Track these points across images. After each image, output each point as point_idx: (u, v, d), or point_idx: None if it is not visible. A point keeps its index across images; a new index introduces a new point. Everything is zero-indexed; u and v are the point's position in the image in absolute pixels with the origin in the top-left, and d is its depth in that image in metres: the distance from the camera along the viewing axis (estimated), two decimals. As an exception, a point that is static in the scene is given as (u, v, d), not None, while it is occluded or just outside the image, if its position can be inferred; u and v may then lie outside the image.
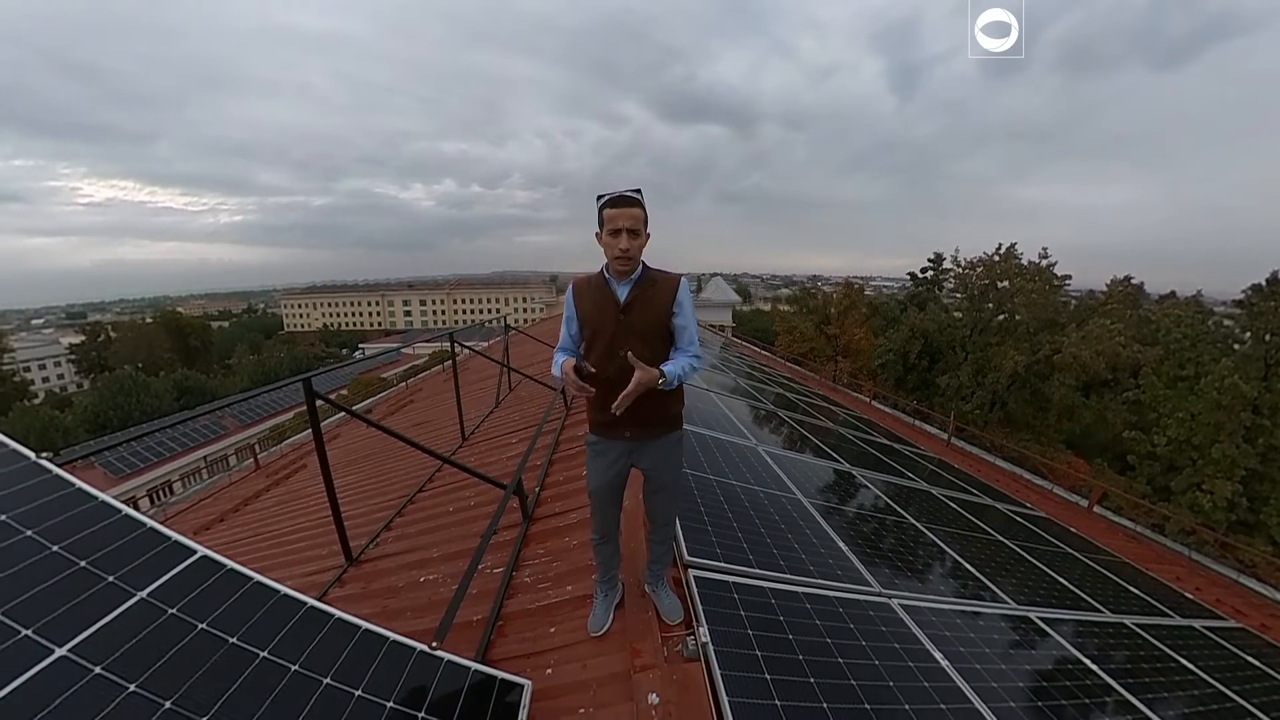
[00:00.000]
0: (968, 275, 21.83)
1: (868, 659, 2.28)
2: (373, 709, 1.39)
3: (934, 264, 27.01)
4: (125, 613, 1.29)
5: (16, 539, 1.38)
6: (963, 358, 20.53)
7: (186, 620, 1.35)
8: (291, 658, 1.40)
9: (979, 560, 4.14)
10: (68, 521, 1.47)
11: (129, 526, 1.53)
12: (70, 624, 1.22)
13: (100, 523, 1.50)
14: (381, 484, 5.62)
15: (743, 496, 3.59)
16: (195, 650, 1.30)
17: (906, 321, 22.08)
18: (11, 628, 1.17)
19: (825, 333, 25.79)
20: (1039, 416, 19.09)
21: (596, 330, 1.93)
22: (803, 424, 7.38)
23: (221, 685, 1.25)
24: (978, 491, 7.10)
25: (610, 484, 2.07)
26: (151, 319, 67.03)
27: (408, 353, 37.83)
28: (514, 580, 2.71)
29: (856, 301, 26.33)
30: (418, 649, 1.63)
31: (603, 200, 1.83)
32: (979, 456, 11.18)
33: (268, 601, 1.52)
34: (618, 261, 1.85)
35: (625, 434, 1.98)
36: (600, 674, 1.97)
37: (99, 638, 1.22)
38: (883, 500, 4.88)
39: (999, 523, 5.72)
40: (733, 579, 2.46)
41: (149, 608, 1.33)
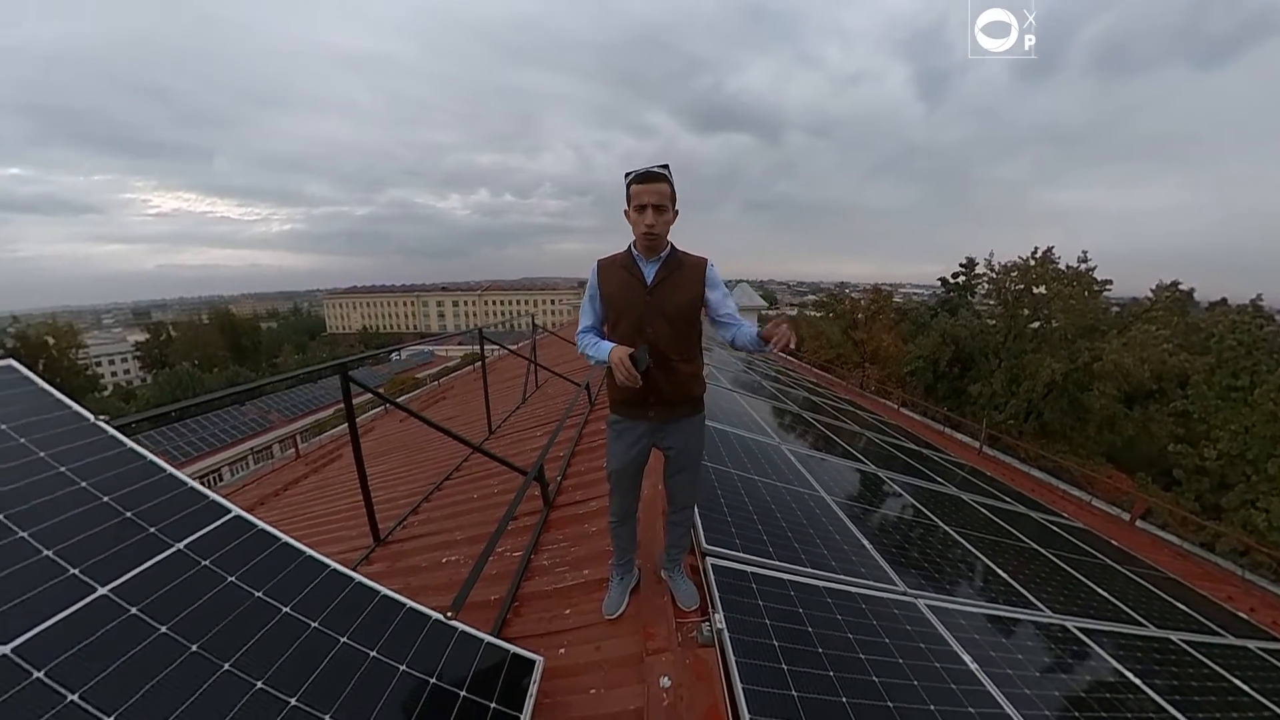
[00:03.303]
0: (1002, 280, 20.87)
1: (891, 656, 2.19)
2: (387, 670, 1.40)
3: (966, 269, 26.03)
4: (162, 561, 1.35)
5: (72, 489, 1.48)
6: (996, 365, 19.66)
7: (217, 572, 1.39)
8: (312, 616, 1.42)
9: (1012, 567, 3.94)
10: (118, 477, 1.56)
11: (171, 485, 1.60)
12: (113, 567, 1.28)
13: (145, 479, 1.59)
14: (411, 472, 5.73)
15: (764, 491, 3.51)
16: (222, 601, 1.34)
17: (937, 327, 21.29)
18: (61, 566, 1.25)
19: (852, 338, 25.08)
20: (1077, 427, 18.12)
21: (622, 310, 1.89)
22: (828, 426, 7.21)
23: (243, 635, 1.29)
24: (1011, 499, 6.79)
25: (631, 465, 2.03)
26: (207, 318, 70.50)
27: (440, 354, 38.71)
28: (532, 563, 2.70)
29: (885, 307, 25.54)
30: (433, 618, 1.64)
31: (630, 176, 1.80)
32: (1013, 466, 10.72)
33: (294, 562, 1.56)
34: (644, 238, 1.81)
35: (649, 414, 1.94)
36: (613, 655, 1.94)
37: (137, 582, 1.27)
38: (910, 503, 4.71)
39: (1034, 531, 5.45)
40: (751, 569, 2.40)
41: (184, 558, 1.39)
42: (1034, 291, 19.84)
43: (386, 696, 1.33)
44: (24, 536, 1.25)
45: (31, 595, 1.15)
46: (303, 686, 1.25)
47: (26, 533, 1.26)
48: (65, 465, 1.49)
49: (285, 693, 1.21)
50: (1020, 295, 20.24)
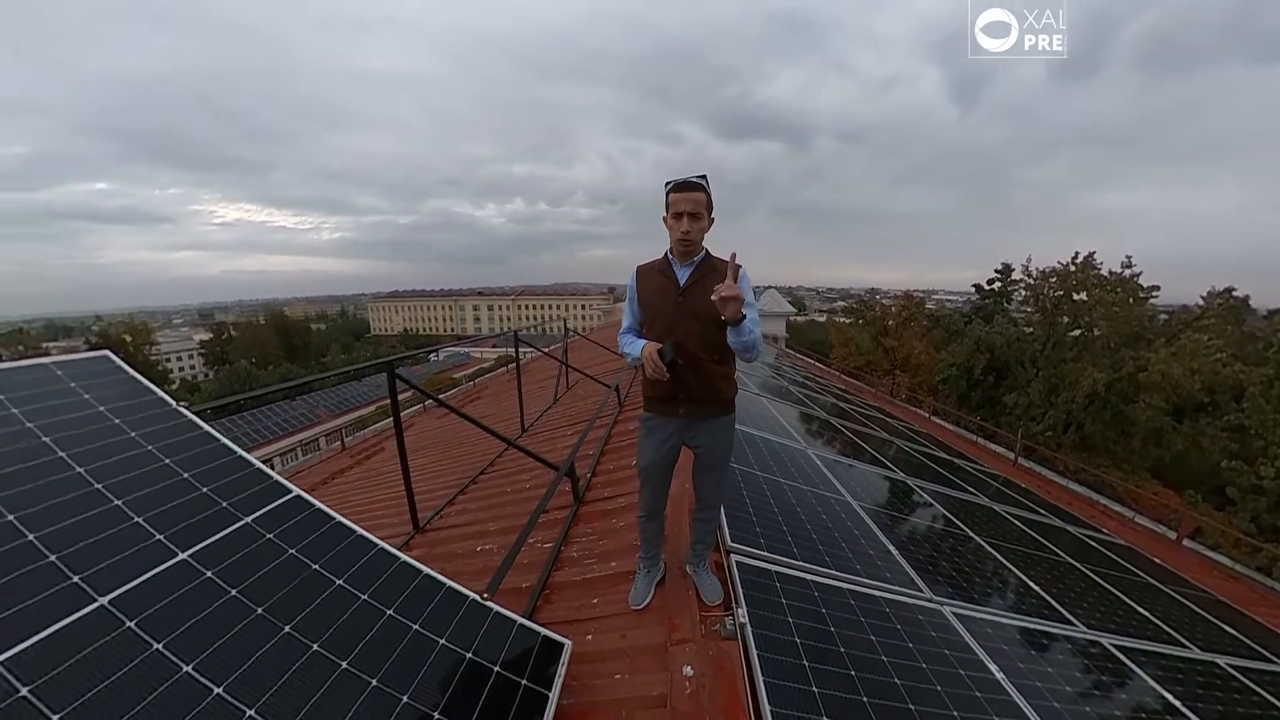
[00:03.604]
0: (1040, 286, 19.82)
1: (914, 661, 2.15)
2: (427, 643, 1.48)
3: (1002, 275, 24.88)
4: (233, 533, 1.47)
5: (157, 465, 1.64)
6: (1033, 374, 18.73)
7: (279, 545, 1.50)
8: (362, 589, 1.51)
9: (1045, 580, 3.79)
10: (195, 456, 1.72)
11: (240, 465, 1.75)
12: (191, 536, 1.41)
13: (218, 460, 1.74)
14: (448, 466, 5.91)
15: (789, 493, 3.49)
16: (284, 571, 1.45)
17: (971, 335, 20.42)
18: (149, 531, 1.39)
19: (883, 345, 24.24)
20: (1121, 441, 17.09)
21: (656, 311, 1.95)
22: (856, 432, 7.07)
23: (302, 603, 1.39)
24: (1047, 513, 6.52)
25: (661, 461, 2.07)
26: (263, 320, 74.28)
27: (475, 355, 39.65)
28: (562, 554, 2.77)
29: (916, 313, 24.60)
30: (470, 598, 1.71)
31: (669, 185, 1.86)
32: (1050, 478, 10.26)
33: (345, 540, 1.66)
34: (679, 243, 1.87)
35: (679, 411, 1.98)
36: (638, 644, 1.97)
37: (211, 550, 1.39)
38: (939, 511, 4.59)
39: (1071, 546, 5.22)
40: (775, 568, 2.40)
41: (252, 531, 1.51)
42: (1074, 298, 18.82)
43: (427, 667, 1.41)
44: (118, 505, 1.39)
45: (125, 555, 1.28)
46: (352, 652, 1.34)
47: (121, 501, 1.40)
48: (151, 444, 1.65)
49: (337, 656, 1.30)
50: (1059, 302, 19.24)
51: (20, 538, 1.21)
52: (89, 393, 1.75)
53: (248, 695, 1.13)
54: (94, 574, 1.21)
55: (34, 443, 1.46)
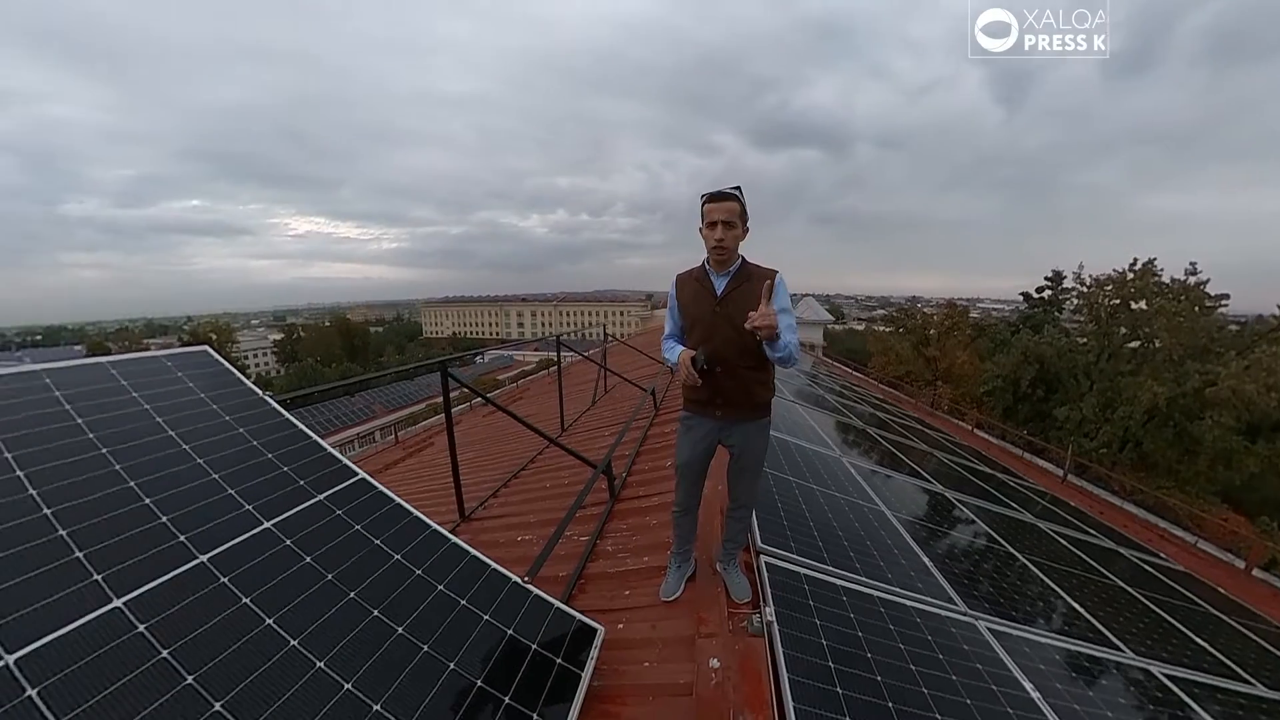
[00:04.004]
0: (1094, 294, 18.33)
1: (944, 672, 2.10)
2: (473, 618, 1.57)
3: (1052, 282, 23.25)
4: (307, 508, 1.63)
5: (246, 445, 1.83)
6: (1086, 387, 17.37)
7: (347, 521, 1.65)
8: (416, 565, 1.63)
9: (1092, 603, 3.58)
10: (277, 440, 1.91)
11: (315, 449, 1.95)
12: (273, 508, 1.58)
13: (297, 443, 1.94)
14: (492, 461, 6.11)
15: (821, 500, 3.44)
16: (350, 544, 1.59)
17: (1018, 345, 19.10)
18: (240, 502, 1.57)
19: (924, 355, 23.07)
20: (1185, 461, 15.66)
21: (695, 319, 1.98)
22: (893, 443, 6.86)
23: (364, 573, 1.52)
24: (1098, 533, 6.12)
25: (697, 459, 2.10)
26: (328, 322, 78.93)
27: (518, 358, 40.67)
28: (598, 547, 2.84)
29: (960, 322, 23.31)
30: (512, 580, 1.80)
31: (704, 197, 1.90)
32: (1103, 498, 9.59)
33: (403, 521, 1.80)
34: (715, 252, 1.90)
35: (716, 413, 2.01)
36: (667, 635, 2.01)
37: (289, 521, 1.54)
38: (979, 526, 4.39)
39: (1124, 570, 4.89)
40: (804, 571, 2.39)
41: (324, 507, 1.66)
42: (1132, 307, 17.40)
43: (472, 639, 1.50)
44: (215, 478, 1.56)
45: (220, 521, 1.44)
46: (406, 620, 1.45)
47: (218, 474, 1.57)
48: (241, 427, 1.85)
49: (393, 622, 1.42)
50: (1116, 311, 17.78)
51: (139, 501, 1.40)
52: (191, 380, 1.97)
53: (317, 649, 1.25)
54: (196, 535, 1.37)
55: (149, 422, 1.67)
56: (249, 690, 1.11)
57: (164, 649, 1.09)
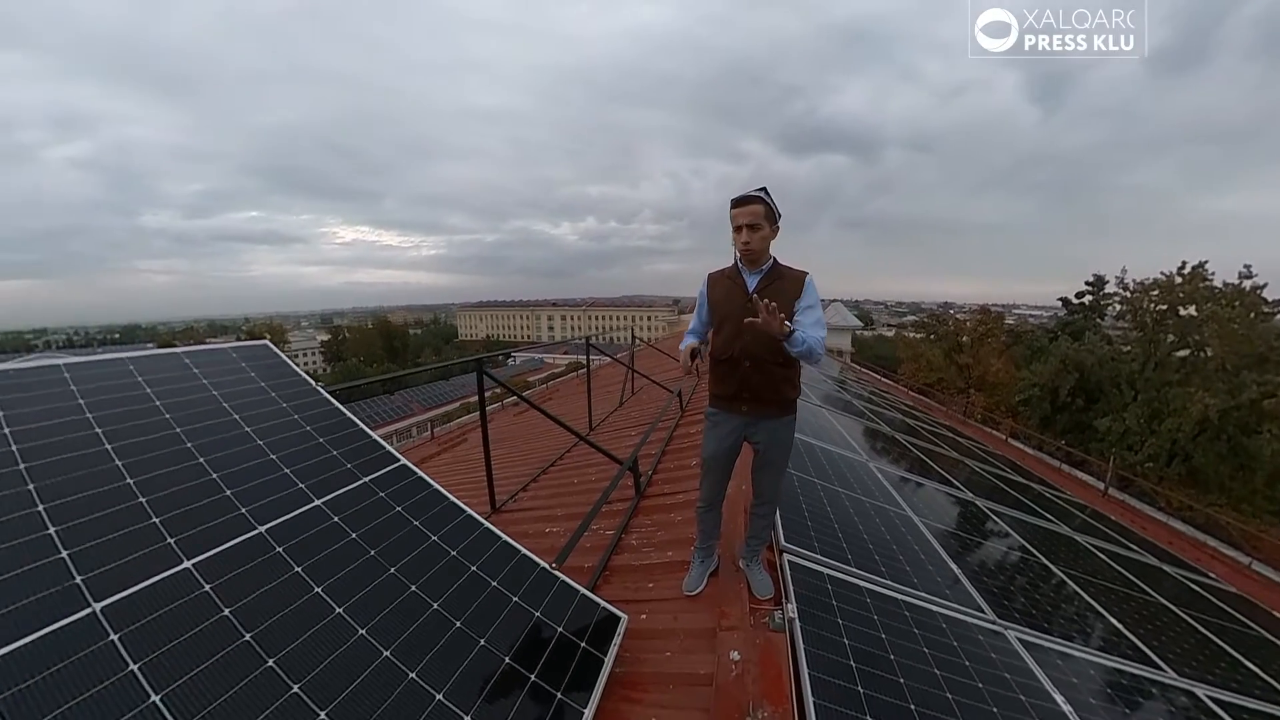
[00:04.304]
0: (1138, 300, 17.02)
1: (969, 679, 2.03)
2: (503, 598, 1.62)
3: (1093, 287, 21.84)
4: (354, 489, 1.73)
5: (300, 430, 1.96)
6: (1130, 397, 16.23)
7: (389, 502, 1.74)
8: (451, 546, 1.70)
9: (1132, 620, 3.39)
10: (328, 426, 2.05)
11: (361, 436, 2.08)
12: (323, 488, 1.69)
13: (344, 430, 2.07)
14: (522, 458, 6.23)
15: (847, 503, 3.38)
16: (391, 524, 1.68)
17: (1057, 352, 17.96)
18: (294, 481, 1.69)
19: (956, 362, 22.03)
20: (1239, 477, 14.52)
21: (725, 316, 2.00)
22: (922, 450, 6.65)
23: (404, 551, 1.61)
24: (1141, 549, 5.78)
25: (723, 454, 2.11)
26: (371, 324, 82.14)
27: (548, 361, 41.28)
28: (622, 541, 2.86)
29: (994, 328, 22.12)
30: (541, 566, 1.85)
31: (732, 200, 1.92)
32: (1147, 513, 9.05)
33: (439, 505, 1.88)
34: (743, 254, 1.92)
35: (742, 408, 2.01)
36: (688, 626, 2.02)
37: (337, 500, 1.65)
38: (1012, 537, 4.22)
39: (1169, 588, 4.60)
40: (828, 571, 2.35)
41: (368, 489, 1.76)
42: (1181, 313, 16.23)
43: (501, 619, 1.55)
44: (273, 458, 1.68)
45: (278, 496, 1.55)
46: (441, 597, 1.51)
47: (275, 455, 1.69)
48: (296, 413, 1.99)
49: (430, 598, 1.48)
50: (1163, 317, 16.51)
51: (207, 475, 1.51)
52: (252, 370, 2.13)
53: (360, 618, 1.32)
54: (255, 508, 1.48)
55: (215, 405, 1.81)
56: (299, 650, 1.19)
57: (225, 608, 1.18)
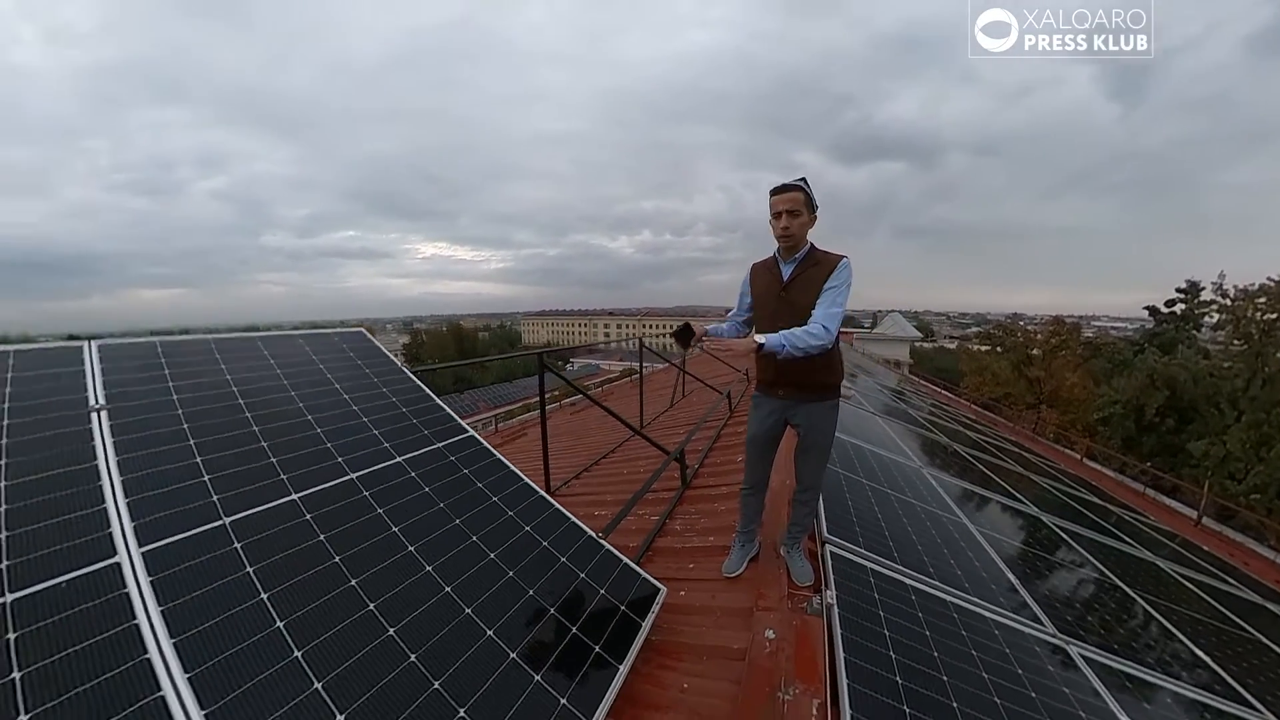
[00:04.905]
0: (1242, 308, 14.63)
1: (1022, 688, 1.89)
2: (552, 558, 1.72)
3: (1186, 295, 19.29)
4: (428, 451, 1.94)
5: (387, 400, 2.20)
6: (1233, 419, 13.86)
7: (457, 465, 1.91)
8: (510, 508, 1.83)
9: (1224, 655, 2.99)
10: (407, 398, 2.28)
11: (436, 409, 2.31)
12: (403, 447, 1.91)
13: (421, 402, 2.29)
14: (577, 451, 6.40)
15: (896, 504, 3.22)
16: (458, 483, 1.86)
17: (1142, 366, 15.71)
18: (379, 439, 1.91)
19: (1025, 375, 19.81)
20: None
21: (762, 303, 2.03)
22: (983, 461, 6.19)
23: (468, 507, 1.76)
24: (1240, 585, 5.05)
25: (763, 435, 2.12)
26: (446, 329, 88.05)
27: (604, 367, 42.10)
28: (666, 526, 2.89)
29: (1069, 340, 19.80)
30: (588, 534, 1.93)
31: (771, 189, 1.93)
32: (1251, 549, 7.88)
33: (500, 472, 2.04)
34: (781, 240, 1.93)
35: (779, 392, 2.03)
36: (726, 605, 2.02)
37: (414, 459, 1.86)
38: (1082, 555, 3.85)
39: (1269, 625, 4.01)
40: (871, 565, 2.27)
41: (439, 453, 1.95)
42: None
43: (550, 575, 1.64)
44: (364, 420, 1.89)
45: (367, 451, 1.77)
46: (498, 549, 1.63)
47: (366, 418, 1.90)
48: (383, 386, 2.23)
49: (488, 548, 1.60)
50: (1271, 327, 14.20)
51: (312, 430, 1.73)
52: (351, 351, 2.45)
53: (428, 558, 1.47)
54: (348, 458, 1.70)
55: (321, 375, 2.10)
56: (375, 576, 1.37)
57: (321, 534, 1.37)
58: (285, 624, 1.14)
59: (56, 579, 1.02)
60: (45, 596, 0.99)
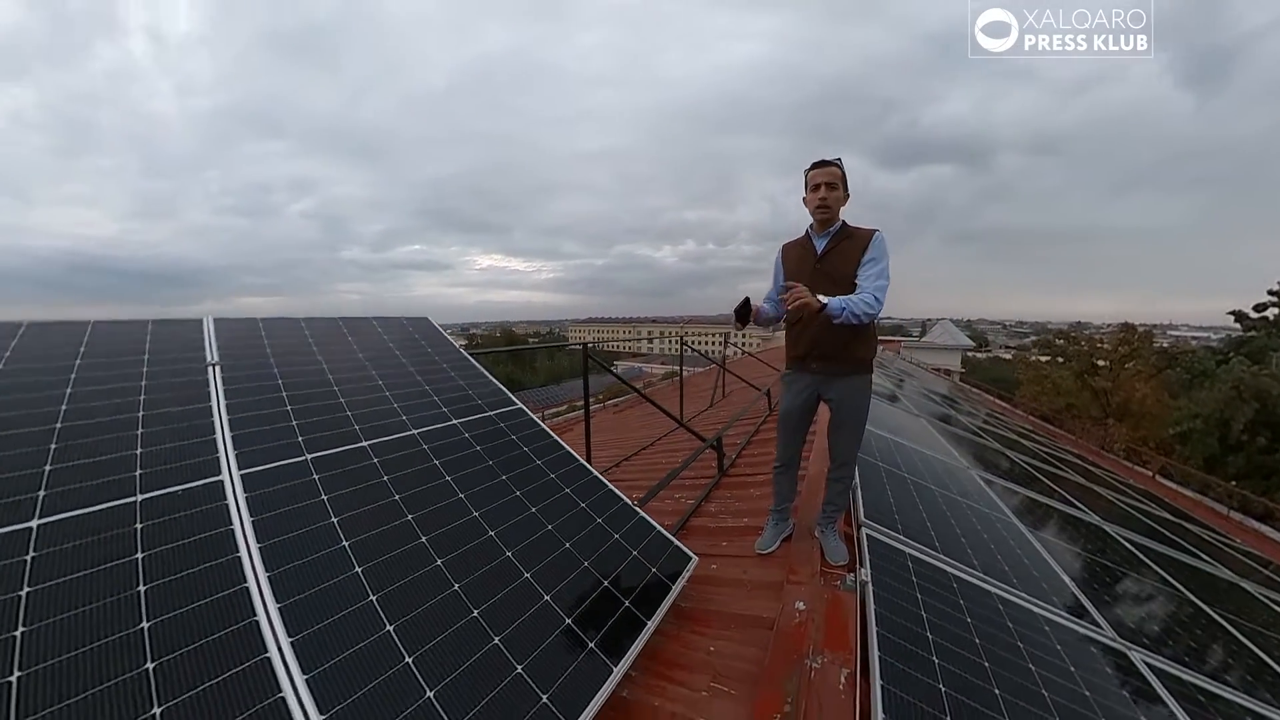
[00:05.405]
0: None
1: (1074, 685, 1.76)
2: (588, 517, 1.78)
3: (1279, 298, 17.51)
4: (481, 418, 2.13)
5: (447, 374, 2.41)
6: None
7: (506, 431, 2.05)
8: (552, 471, 1.91)
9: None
10: (467, 376, 2.47)
11: (489, 384, 2.49)
12: (460, 413, 2.10)
13: (477, 379, 2.48)
14: (620, 441, 6.48)
15: (939, 499, 3.06)
16: (508, 447, 2.00)
17: (1228, 377, 13.70)
18: (439, 405, 2.10)
19: (1090, 386, 17.92)
20: None
21: (797, 278, 1.98)
22: (1038, 469, 5.74)
23: (514, 466, 1.88)
24: (1348, 613, 4.39)
25: (796, 411, 2.09)
26: (499, 334, 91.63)
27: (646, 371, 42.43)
28: (701, 508, 2.89)
29: (1140, 348, 17.76)
30: (625, 500, 1.97)
31: (807, 168, 1.93)
32: (1367, 580, 6.80)
33: (546, 440, 2.17)
34: (818, 212, 1.91)
35: (812, 366, 2.00)
36: (756, 579, 2.00)
37: (468, 423, 2.06)
38: (1150, 567, 3.49)
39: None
40: (910, 551, 2.17)
41: (492, 420, 2.13)
42: None
43: (586, 532, 1.69)
44: (426, 388, 2.07)
45: (428, 413, 1.92)
46: (540, 504, 1.72)
47: (428, 386, 2.06)
48: (444, 363, 2.43)
49: (531, 504, 1.69)
50: None
51: (382, 392, 1.91)
52: (416, 334, 2.72)
53: (476, 505, 1.60)
54: (410, 417, 1.88)
55: (390, 352, 2.30)
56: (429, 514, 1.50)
57: (385, 475, 1.50)
58: (350, 544, 1.29)
59: (175, 487, 1.21)
60: (166, 499, 1.18)
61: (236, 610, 1.02)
